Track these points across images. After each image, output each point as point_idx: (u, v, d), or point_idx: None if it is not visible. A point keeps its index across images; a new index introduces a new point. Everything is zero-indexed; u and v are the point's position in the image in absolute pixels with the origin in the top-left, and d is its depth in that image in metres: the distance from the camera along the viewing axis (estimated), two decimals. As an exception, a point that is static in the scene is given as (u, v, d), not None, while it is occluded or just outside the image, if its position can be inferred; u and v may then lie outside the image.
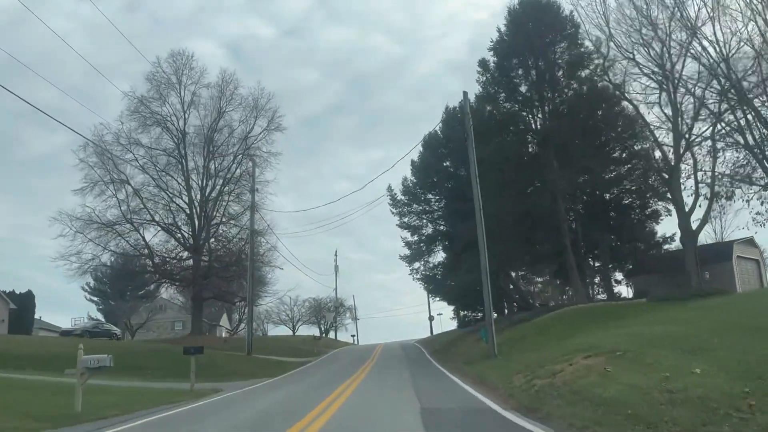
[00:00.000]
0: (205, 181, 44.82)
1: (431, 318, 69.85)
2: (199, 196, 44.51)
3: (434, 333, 64.95)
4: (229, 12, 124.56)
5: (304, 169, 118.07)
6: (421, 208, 34.04)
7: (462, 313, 47.79)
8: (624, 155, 28.70)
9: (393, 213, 33.96)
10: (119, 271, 47.42)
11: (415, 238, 34.16)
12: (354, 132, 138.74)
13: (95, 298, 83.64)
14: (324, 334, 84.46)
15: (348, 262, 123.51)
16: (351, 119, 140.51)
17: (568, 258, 26.19)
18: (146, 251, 41.78)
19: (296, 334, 74.95)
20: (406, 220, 34.11)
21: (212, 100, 45.14)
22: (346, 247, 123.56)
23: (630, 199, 32.46)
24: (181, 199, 44.00)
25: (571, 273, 25.88)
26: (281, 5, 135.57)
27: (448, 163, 33.37)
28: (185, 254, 43.57)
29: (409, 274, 34.66)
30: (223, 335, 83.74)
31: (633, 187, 31.70)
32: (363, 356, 35.10)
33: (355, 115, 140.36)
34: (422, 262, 34.95)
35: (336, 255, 76.44)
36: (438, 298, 45.54)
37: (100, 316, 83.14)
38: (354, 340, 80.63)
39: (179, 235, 43.82)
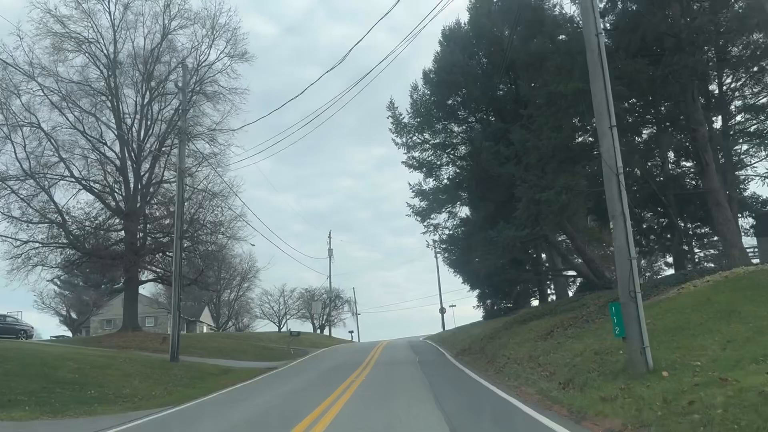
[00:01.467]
0: (143, 127, 33.48)
1: (443, 310, 58.91)
2: (135, 146, 33.18)
3: (447, 328, 54.03)
4: (230, 10, 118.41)
5: (307, 168, 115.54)
6: (438, 140, 22.59)
7: (488, 301, 36.40)
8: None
9: (397, 144, 22.55)
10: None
11: (431, 184, 22.70)
12: (356, 129, 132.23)
13: (66, 292, 74.02)
14: (319, 330, 73.46)
15: (350, 259, 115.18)
16: (353, 116, 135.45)
17: (710, 185, 14.67)
18: (58, 218, 30.37)
19: (282, 330, 63.71)
20: (416, 155, 22.65)
21: (153, 18, 33.74)
22: (348, 245, 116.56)
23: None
24: (111, 149, 32.69)
25: (720, 212, 14.33)
26: (283, 3, 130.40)
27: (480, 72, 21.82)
28: (115, 222, 32.25)
29: (423, 233, 23.09)
30: (205, 331, 72.87)
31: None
32: (354, 361, 23.80)
33: (357, 112, 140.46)
34: (444, 213, 23.26)
35: (330, 237, 65.05)
36: (458, 276, 34.15)
37: (72, 313, 73.18)
38: (352, 338, 69.35)
39: (109, 198, 32.48)
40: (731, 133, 22.09)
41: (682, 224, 21.19)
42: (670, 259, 27.50)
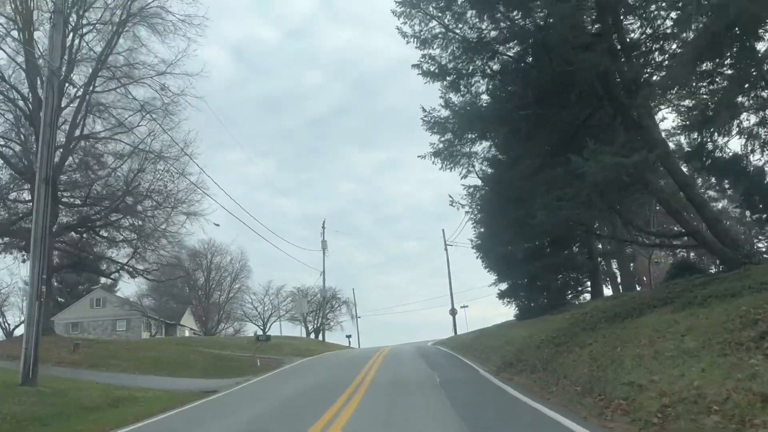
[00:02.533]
0: (65, 67, 25.18)
1: (454, 312, 50.63)
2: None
3: (460, 331, 45.76)
4: (232, 14, 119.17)
5: (310, 171, 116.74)
6: (469, 33, 14.19)
7: (522, 295, 27.87)
8: None
9: (405, 36, 14.10)
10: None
11: (458, 98, 14.21)
12: (359, 133, 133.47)
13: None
14: (313, 334, 65.16)
15: (352, 262, 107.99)
16: (355, 120, 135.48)
17: None
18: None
19: (267, 333, 55.19)
20: (435, 53, 14.16)
21: None
22: (351, 248, 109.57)
23: None
24: (18, 92, 24.49)
25: None
26: (285, 8, 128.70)
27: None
28: (13, 186, 23.93)
29: (440, 169, 14.32)
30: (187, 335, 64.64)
31: None
32: (339, 380, 15.50)
33: (359, 117, 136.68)
34: (476, 147, 14.58)
35: (323, 227, 56.53)
36: (483, 261, 26.07)
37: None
38: (350, 343, 60.94)
39: (15, 159, 24.18)
40: None
41: None
42: None
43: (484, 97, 14.35)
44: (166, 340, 36.36)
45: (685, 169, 17.76)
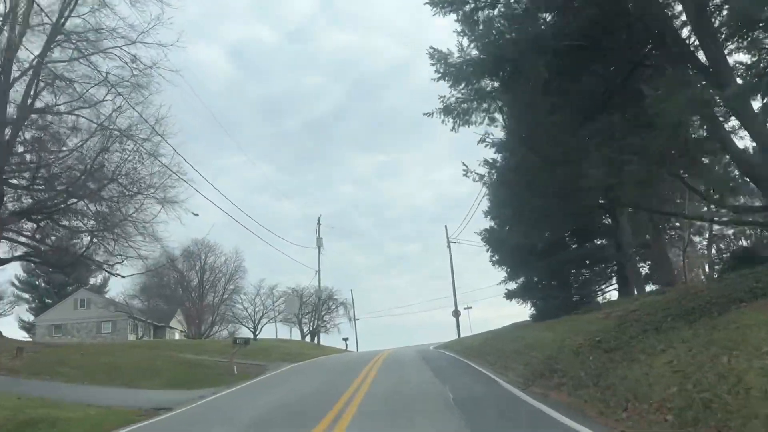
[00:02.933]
0: (11, 30, 22.05)
1: (457, 313, 47.60)
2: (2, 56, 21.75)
3: (464, 334, 42.66)
4: (231, 15, 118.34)
5: (309, 173, 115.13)
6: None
7: (537, 294, 24.68)
8: None
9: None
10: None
11: (474, 36, 11.01)
12: (359, 134, 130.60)
13: (26, 295, 63.80)
14: (310, 337, 62.09)
15: (351, 265, 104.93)
16: (355, 122, 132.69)
17: None
18: None
19: (258, 336, 52.22)
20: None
21: None
22: (350, 250, 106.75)
23: None
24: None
25: None
26: (285, 9, 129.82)
27: None
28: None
29: (452, 130, 11.26)
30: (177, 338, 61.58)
31: None
32: (327, 392, 12.41)
33: (359, 118, 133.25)
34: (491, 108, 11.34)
35: (319, 223, 53.16)
36: (493, 255, 23.13)
37: (30, 317, 63.05)
38: (347, 346, 57.72)
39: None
40: None
41: None
42: None
43: (508, 36, 11.18)
44: (136, 344, 33.17)
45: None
